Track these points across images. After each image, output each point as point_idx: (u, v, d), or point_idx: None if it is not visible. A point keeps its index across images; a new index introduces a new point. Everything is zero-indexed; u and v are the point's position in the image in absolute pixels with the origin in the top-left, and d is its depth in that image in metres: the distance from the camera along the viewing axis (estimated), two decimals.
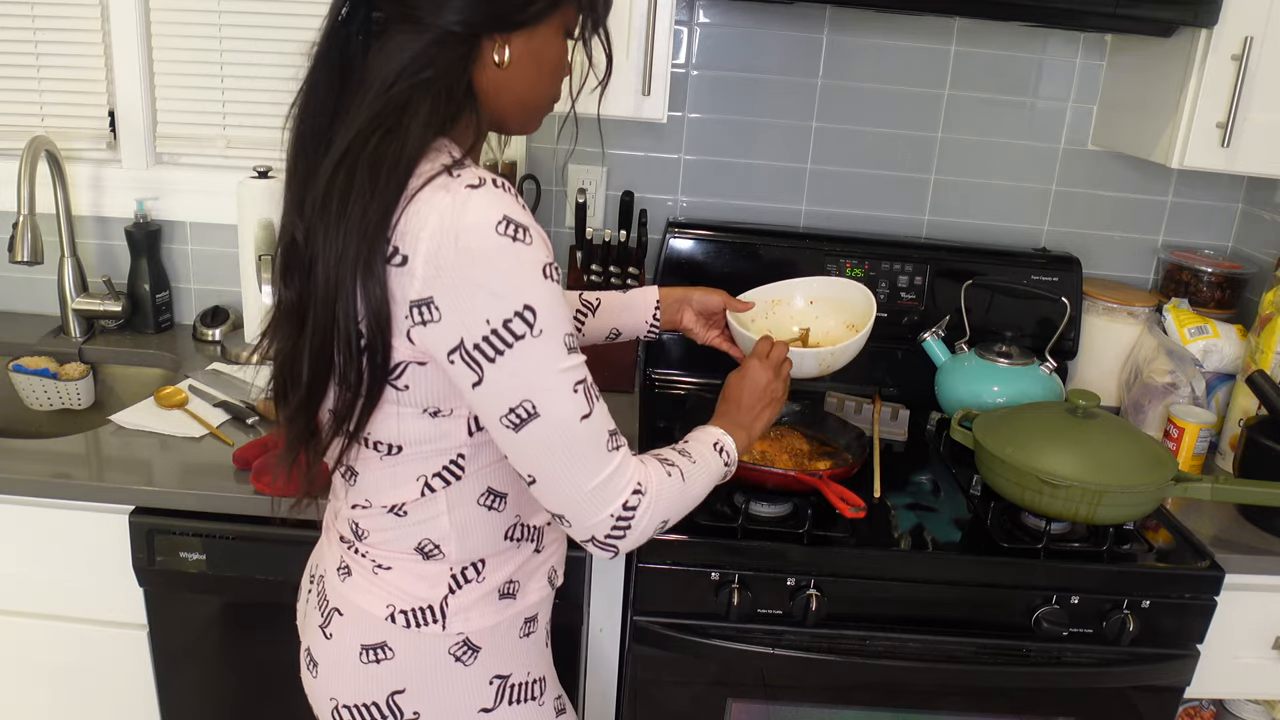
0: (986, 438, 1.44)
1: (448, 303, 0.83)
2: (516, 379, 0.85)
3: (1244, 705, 1.72)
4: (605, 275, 1.74)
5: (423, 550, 0.98)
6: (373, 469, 0.96)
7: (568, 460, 0.88)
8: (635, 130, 1.87)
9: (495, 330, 0.83)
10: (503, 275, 0.83)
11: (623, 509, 0.91)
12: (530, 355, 0.84)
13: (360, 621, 0.99)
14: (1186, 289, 1.85)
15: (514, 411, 0.86)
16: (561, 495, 0.90)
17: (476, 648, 1.00)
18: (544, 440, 0.87)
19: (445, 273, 0.82)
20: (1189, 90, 1.53)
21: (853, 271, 1.83)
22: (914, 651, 1.37)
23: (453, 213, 0.82)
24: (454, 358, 0.85)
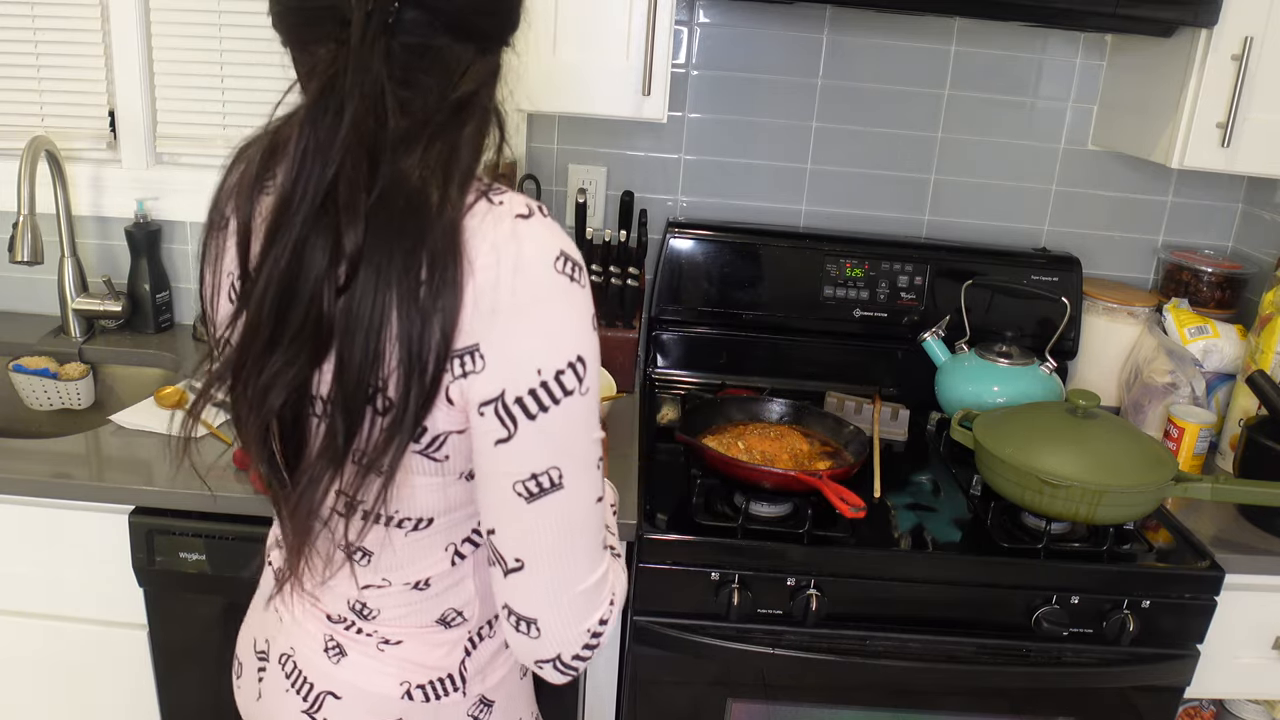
0: (986, 438, 1.44)
1: (496, 350, 0.72)
2: (553, 441, 0.75)
3: (1244, 705, 1.72)
4: (605, 275, 1.74)
5: (445, 620, 0.90)
6: (395, 546, 0.85)
7: (570, 546, 0.78)
8: (635, 130, 1.87)
9: (545, 382, 0.73)
10: (560, 320, 0.73)
11: (598, 624, 0.82)
12: (574, 415, 0.75)
13: (367, 704, 0.90)
14: (1186, 289, 1.85)
15: (536, 478, 0.75)
16: (547, 592, 0.79)
17: (491, 702, 0.95)
18: (556, 517, 0.76)
19: (496, 314, 0.71)
20: (1189, 90, 1.53)
21: (853, 271, 1.83)
22: (914, 651, 1.37)
23: (505, 245, 0.72)
24: (485, 410, 0.74)
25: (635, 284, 1.75)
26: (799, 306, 1.84)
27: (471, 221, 0.73)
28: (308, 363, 0.74)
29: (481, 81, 0.78)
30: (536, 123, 1.86)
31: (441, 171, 0.73)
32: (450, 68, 0.75)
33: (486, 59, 0.79)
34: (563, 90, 1.52)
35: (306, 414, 0.78)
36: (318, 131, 0.71)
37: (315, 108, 0.72)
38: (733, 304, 1.84)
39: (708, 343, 1.86)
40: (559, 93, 1.52)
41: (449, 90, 0.75)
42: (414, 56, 0.74)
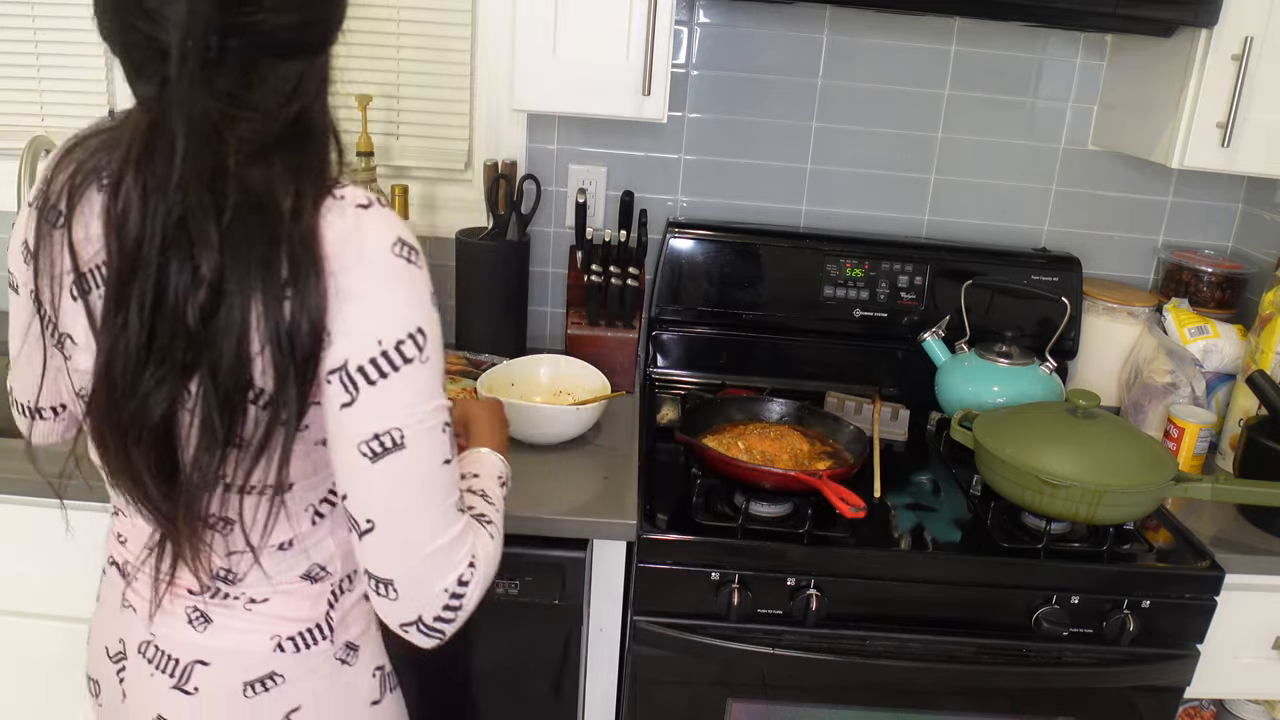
0: (986, 438, 1.44)
1: (341, 328, 0.78)
2: (394, 405, 0.80)
3: (1244, 705, 1.72)
4: (605, 275, 1.74)
5: (310, 576, 0.93)
6: (255, 511, 0.87)
7: (417, 506, 0.83)
8: (635, 130, 1.87)
9: (385, 352, 0.79)
10: (398, 297, 0.80)
11: (457, 584, 0.85)
12: (414, 382, 0.80)
13: (238, 661, 0.93)
14: (1186, 289, 1.85)
15: (379, 438, 0.80)
16: (398, 552, 0.83)
17: (356, 647, 0.99)
18: (400, 477, 0.81)
19: (341, 296, 0.78)
20: (1189, 90, 1.53)
21: (853, 271, 1.83)
22: (914, 651, 1.38)
23: (347, 233, 0.79)
24: (332, 378, 0.80)
25: (635, 284, 1.75)
26: (799, 306, 1.84)
27: (321, 217, 0.79)
28: (179, 379, 0.78)
29: (315, 89, 0.84)
30: (536, 123, 1.86)
31: (291, 180, 0.78)
32: (281, 84, 0.80)
33: (315, 66, 0.84)
34: (563, 90, 1.52)
35: (177, 422, 0.81)
36: (154, 169, 0.75)
37: (146, 146, 0.75)
38: (733, 304, 1.84)
39: (708, 343, 1.87)
40: (559, 93, 1.52)
41: (285, 105, 0.80)
42: (242, 82, 0.78)
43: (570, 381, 1.66)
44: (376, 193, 0.83)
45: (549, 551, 1.35)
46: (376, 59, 1.84)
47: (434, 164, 1.91)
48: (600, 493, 1.40)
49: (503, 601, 1.36)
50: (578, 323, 1.77)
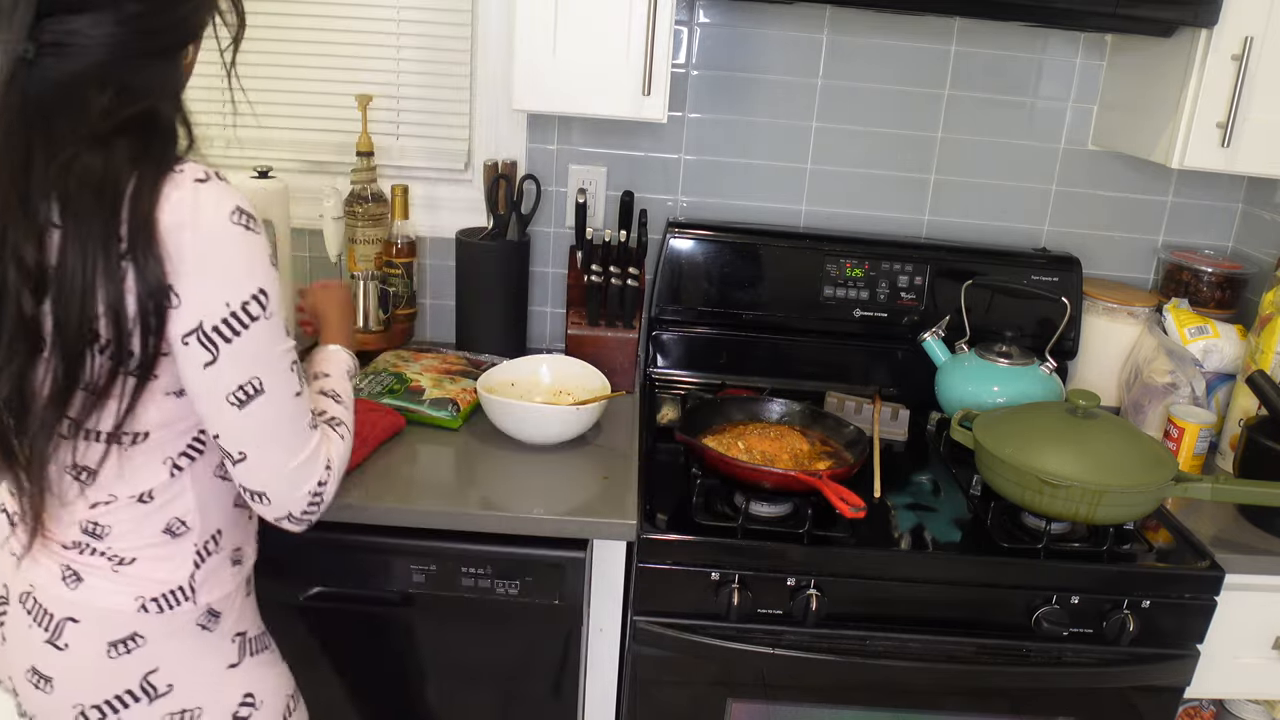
0: (986, 438, 1.44)
1: (188, 289, 0.89)
2: (251, 358, 0.93)
3: (1244, 705, 1.72)
4: (605, 275, 1.74)
5: (170, 530, 1.02)
6: (114, 461, 0.97)
7: (279, 436, 0.98)
8: (635, 130, 1.87)
9: (234, 312, 0.91)
10: (239, 262, 0.90)
11: (318, 485, 1.02)
12: (263, 335, 0.93)
13: (104, 620, 1.01)
14: (1186, 289, 1.85)
15: (242, 388, 0.94)
16: (267, 472, 0.99)
17: (218, 613, 1.07)
18: (263, 416, 0.96)
19: (185, 262, 0.88)
20: (1189, 90, 1.53)
21: (853, 271, 1.83)
22: (914, 651, 1.38)
23: (188, 205, 0.87)
24: (189, 340, 0.90)
25: (635, 284, 1.75)
26: (799, 306, 1.84)
27: (165, 188, 0.87)
28: (28, 354, 0.89)
29: (163, 88, 0.93)
30: (536, 123, 1.86)
31: (132, 166, 0.86)
32: (124, 81, 0.89)
33: (158, 68, 0.93)
34: (563, 90, 1.52)
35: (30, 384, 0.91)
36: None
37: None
38: (733, 304, 1.84)
39: (708, 343, 1.87)
40: (559, 93, 1.52)
41: (125, 101, 0.88)
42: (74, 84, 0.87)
43: (570, 381, 1.66)
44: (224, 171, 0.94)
45: (549, 551, 1.35)
46: (376, 59, 1.84)
47: (434, 164, 1.91)
48: (600, 493, 1.40)
49: (503, 601, 1.36)
50: (578, 323, 1.77)
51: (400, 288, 1.83)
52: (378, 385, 1.61)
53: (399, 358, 1.74)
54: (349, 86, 1.84)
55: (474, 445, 1.53)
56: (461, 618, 1.38)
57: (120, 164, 0.86)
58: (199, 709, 1.06)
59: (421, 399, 1.58)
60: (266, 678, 1.13)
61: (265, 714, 1.11)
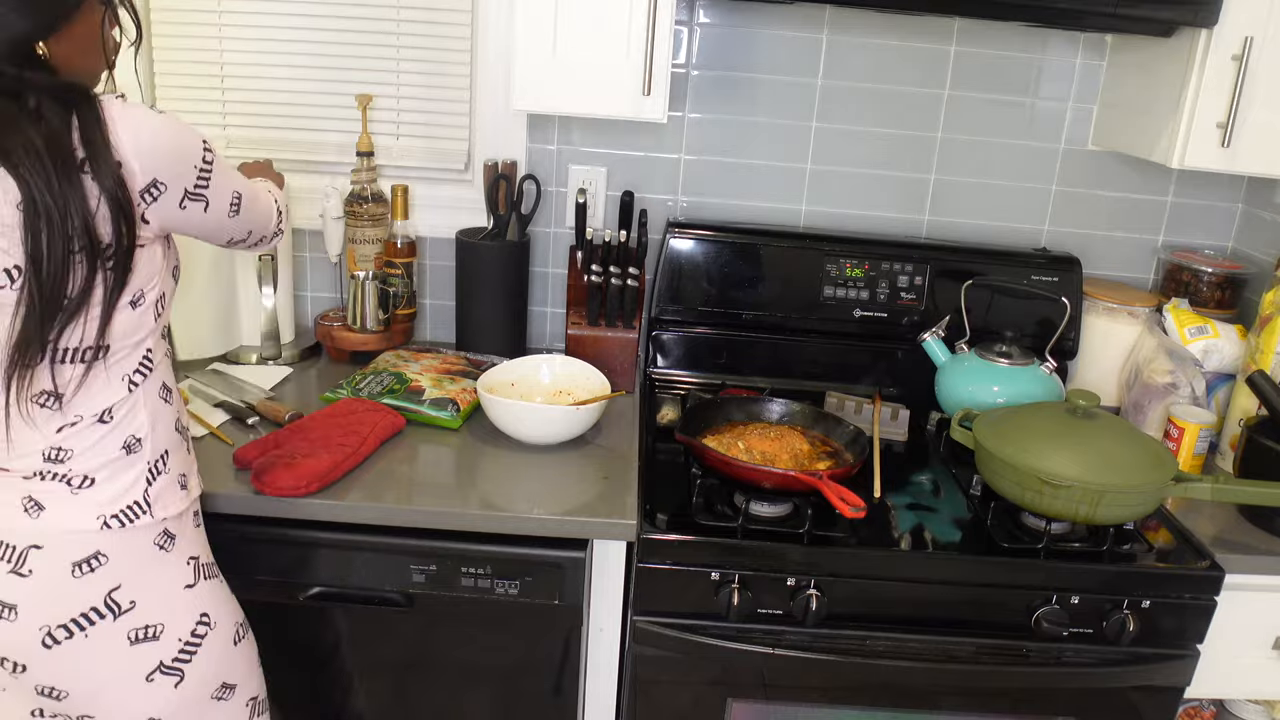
0: (986, 438, 1.44)
1: (168, 173, 1.05)
2: (225, 185, 1.14)
3: (1244, 705, 1.72)
4: (605, 275, 1.74)
5: (128, 446, 1.09)
6: (77, 382, 1.05)
7: (258, 203, 1.23)
8: (635, 130, 1.87)
9: (200, 168, 1.09)
10: (183, 136, 1.07)
11: (277, 204, 1.32)
12: (222, 166, 1.13)
13: (68, 543, 1.06)
14: (1187, 289, 1.85)
15: (233, 205, 1.17)
16: (261, 225, 1.26)
17: (173, 535, 1.14)
18: (250, 204, 1.21)
19: (156, 156, 1.03)
20: (1189, 90, 1.53)
21: (853, 271, 1.83)
22: (914, 651, 1.38)
23: (131, 118, 1.02)
24: (185, 204, 1.08)
25: (635, 284, 1.75)
26: (799, 306, 1.84)
27: (111, 111, 1.01)
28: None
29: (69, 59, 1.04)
30: (536, 123, 1.86)
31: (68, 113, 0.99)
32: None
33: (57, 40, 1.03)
34: (562, 90, 1.52)
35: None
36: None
37: None
38: (733, 304, 1.84)
39: (708, 343, 1.87)
40: (559, 93, 1.52)
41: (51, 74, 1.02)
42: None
43: (570, 381, 1.66)
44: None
45: (549, 551, 1.35)
46: (376, 59, 1.84)
47: (434, 164, 1.91)
48: (600, 493, 1.40)
49: (503, 601, 1.36)
50: (578, 323, 1.77)
51: (400, 288, 1.83)
52: (378, 385, 1.61)
53: (399, 358, 1.74)
54: (349, 86, 1.84)
55: (474, 445, 1.53)
56: (461, 618, 1.38)
57: (63, 116, 0.99)
58: (160, 625, 1.11)
59: (421, 399, 1.58)
60: (220, 601, 1.20)
61: (219, 635, 1.18)
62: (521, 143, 1.86)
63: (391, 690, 1.44)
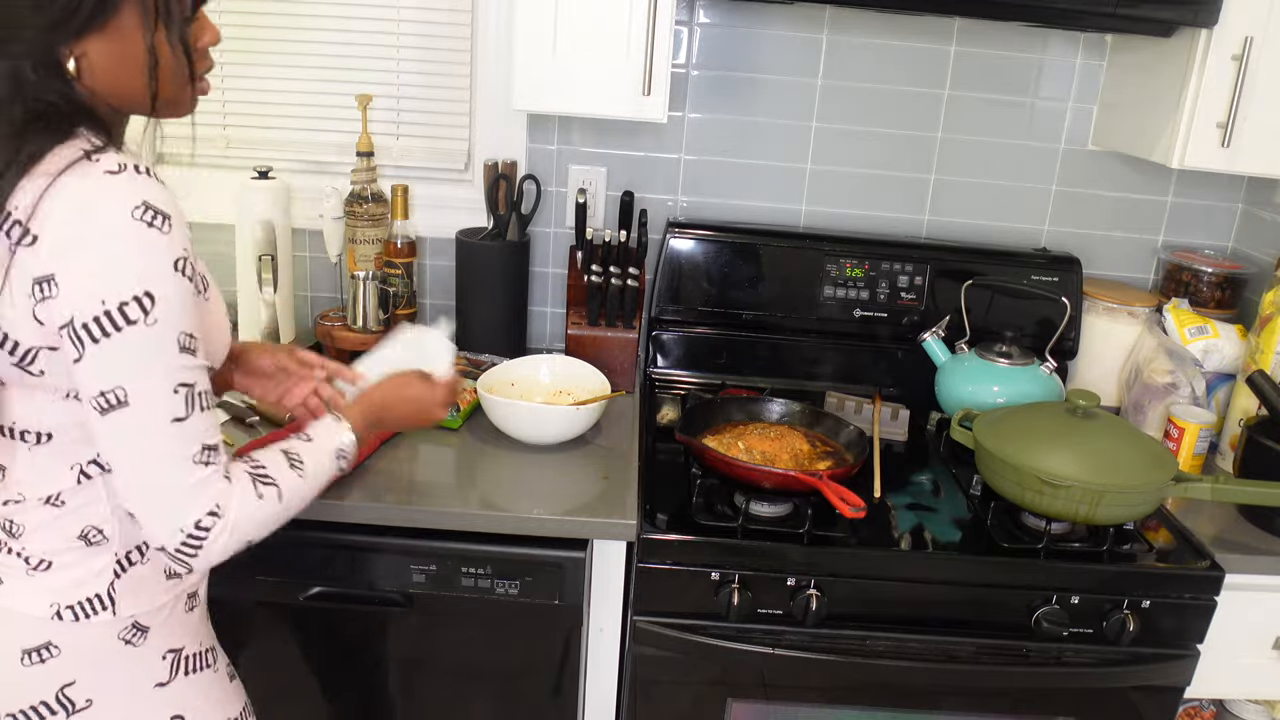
0: (986, 438, 1.44)
1: (68, 279, 0.83)
2: (117, 364, 0.85)
3: (1244, 705, 1.72)
4: (605, 275, 1.74)
5: (86, 538, 0.97)
6: (23, 460, 0.95)
7: (144, 459, 0.89)
8: (635, 130, 1.87)
9: (108, 311, 0.83)
10: (127, 258, 0.83)
11: (195, 528, 0.90)
12: (136, 343, 0.85)
13: (17, 626, 0.96)
14: (1187, 289, 1.85)
15: (105, 395, 0.86)
16: (133, 493, 0.91)
17: (145, 628, 1.00)
18: (126, 431, 0.88)
19: (71, 250, 0.83)
20: (1189, 90, 1.53)
21: (853, 271, 1.83)
22: (914, 651, 1.38)
23: (88, 194, 0.83)
24: (63, 333, 0.85)
25: (635, 284, 1.75)
26: (799, 306, 1.84)
27: (67, 178, 0.83)
28: None
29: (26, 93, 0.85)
30: (536, 123, 1.86)
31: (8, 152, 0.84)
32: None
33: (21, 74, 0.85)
34: (563, 90, 1.52)
35: None
36: None
37: None
38: (733, 304, 1.84)
39: (708, 343, 1.87)
40: (559, 93, 1.52)
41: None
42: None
43: (570, 381, 1.66)
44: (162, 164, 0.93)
45: (549, 551, 1.35)
46: (376, 59, 1.84)
47: (434, 164, 1.91)
48: (600, 493, 1.40)
49: (503, 601, 1.36)
50: (578, 323, 1.77)
51: (400, 288, 1.83)
52: None
53: None
54: (349, 86, 1.84)
55: (474, 445, 1.53)
56: (461, 618, 1.38)
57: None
58: None
59: None
60: (202, 697, 1.07)
61: None
62: (521, 143, 1.86)
63: (391, 690, 1.44)
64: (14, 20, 0.83)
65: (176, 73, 0.93)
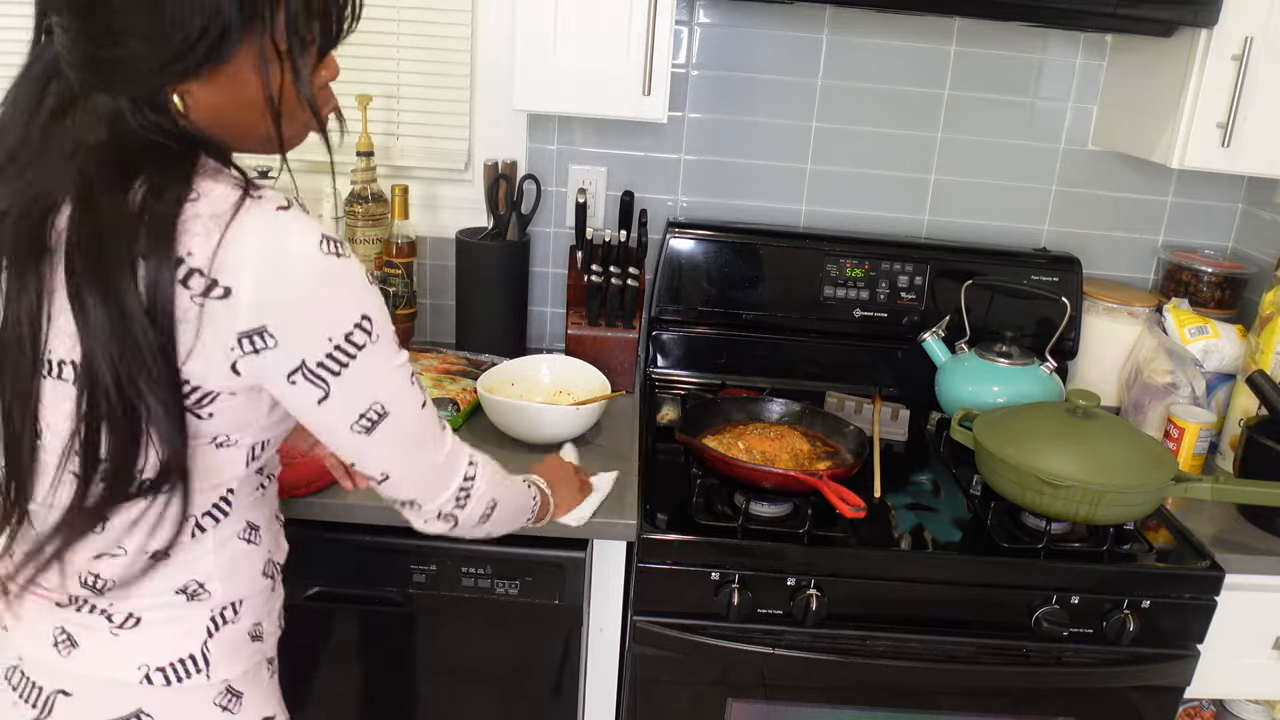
0: (986, 438, 1.44)
1: (285, 328, 0.80)
2: (365, 385, 0.86)
3: (1244, 705, 1.72)
4: (605, 275, 1.74)
5: (186, 591, 0.90)
6: (131, 511, 0.84)
7: (418, 448, 0.93)
8: (635, 130, 1.87)
9: (338, 345, 0.83)
10: (336, 294, 0.82)
11: (464, 480, 0.98)
12: (373, 361, 0.86)
13: (103, 695, 0.88)
14: (1187, 289, 1.85)
15: (364, 416, 0.87)
16: (414, 481, 0.94)
17: (239, 693, 0.94)
18: (396, 436, 0.90)
19: (280, 300, 0.79)
20: (1189, 90, 1.53)
21: (853, 271, 1.83)
22: (914, 651, 1.38)
23: (275, 238, 0.79)
24: (295, 378, 0.83)
25: (635, 284, 1.75)
26: (799, 306, 1.84)
27: (243, 220, 0.78)
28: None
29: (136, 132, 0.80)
30: (536, 123, 1.86)
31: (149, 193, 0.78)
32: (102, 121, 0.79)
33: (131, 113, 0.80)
34: (562, 90, 1.52)
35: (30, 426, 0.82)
36: None
37: None
38: (733, 304, 1.84)
39: (708, 343, 1.87)
40: (559, 93, 1.52)
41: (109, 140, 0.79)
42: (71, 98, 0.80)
43: (570, 381, 1.66)
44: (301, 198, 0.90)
45: (549, 551, 1.35)
46: (376, 59, 1.84)
47: (434, 164, 1.91)
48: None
49: (503, 601, 1.36)
50: (578, 323, 1.77)
51: (400, 288, 1.83)
52: None
53: None
54: (349, 86, 1.84)
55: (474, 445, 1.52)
56: (461, 618, 1.38)
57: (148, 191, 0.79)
58: None
59: None
60: None
61: None
62: (521, 143, 1.86)
63: (391, 690, 1.44)
64: (125, 54, 0.77)
65: (298, 115, 0.90)
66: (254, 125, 0.85)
